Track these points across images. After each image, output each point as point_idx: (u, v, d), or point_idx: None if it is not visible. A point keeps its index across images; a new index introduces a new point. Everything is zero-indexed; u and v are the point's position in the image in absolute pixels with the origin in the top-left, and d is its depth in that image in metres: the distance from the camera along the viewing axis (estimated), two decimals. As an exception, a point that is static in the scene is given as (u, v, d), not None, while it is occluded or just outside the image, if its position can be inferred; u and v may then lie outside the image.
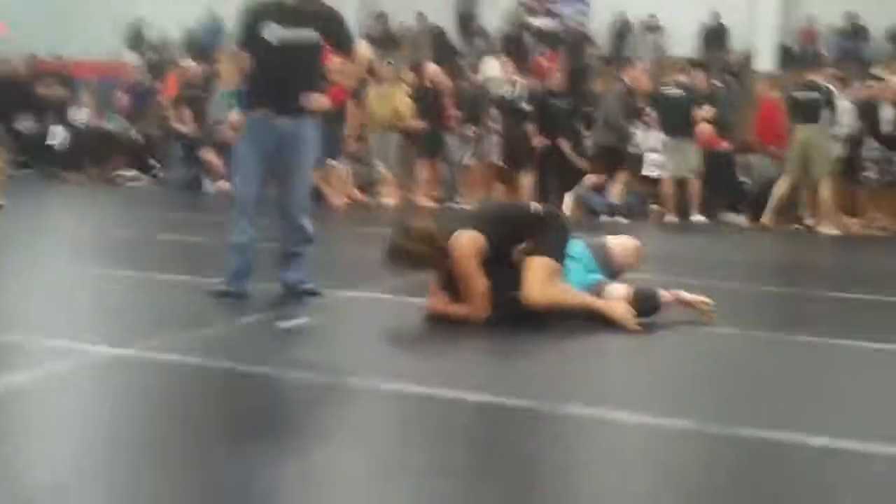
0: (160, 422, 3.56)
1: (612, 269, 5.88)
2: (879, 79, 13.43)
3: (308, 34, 5.84)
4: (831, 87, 12.78)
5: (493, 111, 14.43)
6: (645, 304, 5.57)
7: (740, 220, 13.38)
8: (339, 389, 4.04)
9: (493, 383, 4.21)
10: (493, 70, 16.61)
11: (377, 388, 4.05)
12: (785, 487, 3.04)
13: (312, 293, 5.98)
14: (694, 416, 3.79)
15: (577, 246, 5.76)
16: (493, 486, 2.97)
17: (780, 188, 12.62)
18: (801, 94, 12.61)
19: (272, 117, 5.81)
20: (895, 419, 3.93)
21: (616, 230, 10.71)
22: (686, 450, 3.48)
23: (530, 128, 13.81)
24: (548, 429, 3.57)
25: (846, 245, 11.60)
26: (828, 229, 12.28)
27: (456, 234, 5.32)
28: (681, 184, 13.36)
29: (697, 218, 13.15)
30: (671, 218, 13.23)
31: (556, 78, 14.64)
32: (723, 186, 13.76)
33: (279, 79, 5.81)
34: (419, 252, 5.27)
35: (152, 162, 16.25)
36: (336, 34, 5.98)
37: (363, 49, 6.30)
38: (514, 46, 19.43)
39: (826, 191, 12.42)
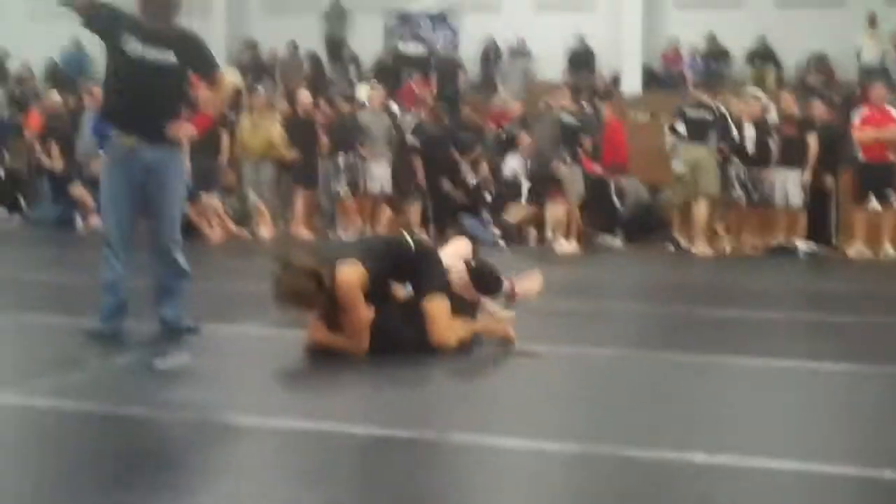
0: (33, 470, 3.44)
1: None
2: (756, 97, 13.76)
3: (168, 57, 5.63)
4: (721, 107, 12.99)
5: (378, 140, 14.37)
6: (486, 280, 5.89)
7: (616, 242, 13.63)
8: (220, 428, 3.96)
9: (377, 415, 4.20)
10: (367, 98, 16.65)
11: (260, 426, 4.00)
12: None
13: (190, 330, 5.86)
14: (578, 438, 3.83)
15: None
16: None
17: (700, 212, 12.77)
18: (693, 113, 12.79)
19: (137, 147, 5.62)
20: (768, 432, 4.03)
21: (503, 259, 10.78)
22: (572, 472, 3.51)
23: (416, 161, 13.92)
24: (433, 458, 3.56)
25: (718, 265, 11.90)
26: (702, 249, 12.57)
27: (338, 265, 5.29)
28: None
29: (573, 245, 13.33)
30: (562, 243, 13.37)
31: (433, 107, 14.83)
32: (600, 211, 14.00)
33: (140, 102, 5.62)
34: (306, 288, 5.19)
35: (20, 199, 15.82)
36: (197, 59, 5.83)
37: (228, 76, 6.15)
38: (387, 73, 19.48)
39: (702, 211, 12.68)
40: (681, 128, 12.75)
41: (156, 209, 5.77)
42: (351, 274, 5.24)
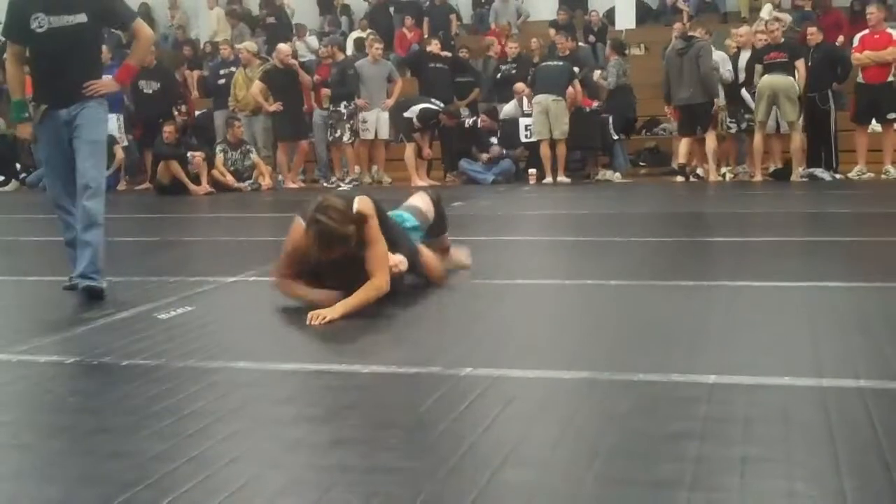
0: (44, 420, 3.41)
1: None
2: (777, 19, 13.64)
3: (78, 18, 5.59)
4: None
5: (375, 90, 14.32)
6: (439, 226, 5.99)
7: (616, 176, 13.59)
8: (226, 374, 3.93)
9: (380, 355, 4.16)
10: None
11: (265, 370, 3.97)
12: (682, 425, 3.06)
13: (94, 293, 5.52)
14: (587, 366, 3.80)
15: (406, 217, 5.74)
16: (389, 453, 2.92)
17: (795, 141, 12.73)
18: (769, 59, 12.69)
19: (55, 110, 5.65)
20: (774, 353, 4.00)
21: (497, 196, 10.78)
22: (582, 398, 3.48)
23: (422, 140, 13.83)
24: (441, 391, 3.52)
25: (717, 193, 11.87)
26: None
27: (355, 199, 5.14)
28: (552, 145, 13.49)
29: (562, 178, 13.38)
30: (549, 179, 13.39)
31: (433, 44, 14.79)
32: (596, 145, 13.95)
33: (53, 69, 5.63)
34: (350, 233, 4.92)
35: (16, 165, 16.05)
36: (109, 13, 5.79)
37: (144, 27, 6.00)
38: (379, 20, 19.31)
39: (797, 140, 12.59)
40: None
41: (76, 155, 5.64)
42: (369, 205, 5.10)
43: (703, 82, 12.62)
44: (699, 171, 13.10)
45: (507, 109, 14.30)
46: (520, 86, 14.04)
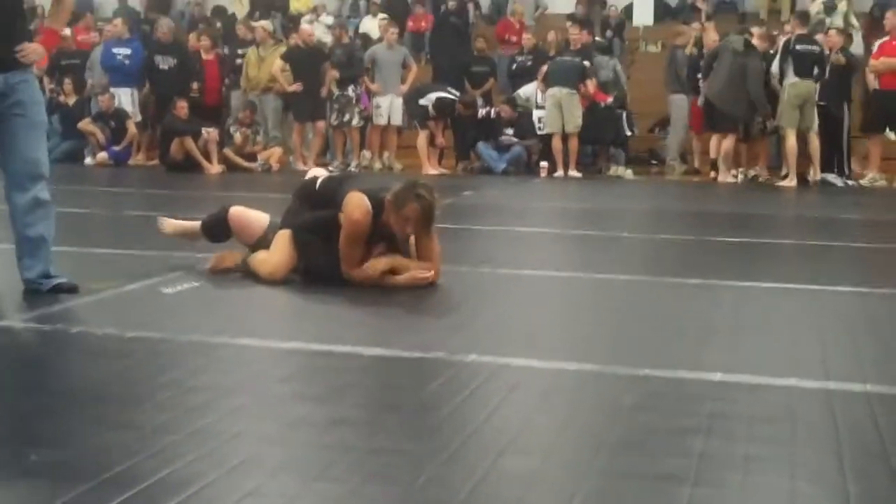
0: (43, 390, 3.41)
1: None
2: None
3: None
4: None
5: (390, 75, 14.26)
6: None
7: (627, 172, 13.53)
8: (229, 350, 3.92)
9: (383, 338, 4.14)
10: (370, 29, 16.47)
11: (267, 348, 3.96)
12: (687, 421, 3.05)
13: (68, 289, 4.90)
14: (592, 359, 3.79)
15: None
16: (390, 434, 2.91)
17: (790, 144, 12.44)
18: (801, 48, 12.32)
19: None
20: (781, 353, 3.98)
21: (507, 187, 10.77)
22: (588, 391, 3.47)
23: (436, 127, 13.79)
24: (446, 378, 3.51)
25: (727, 193, 11.84)
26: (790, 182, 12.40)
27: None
28: (565, 139, 13.40)
29: (574, 173, 13.28)
30: (560, 173, 13.32)
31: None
32: (608, 140, 13.89)
33: None
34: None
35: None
36: None
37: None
38: (396, 6, 19.21)
39: (815, 144, 12.45)
40: (788, 64, 12.39)
41: (12, 144, 4.89)
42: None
43: (754, 102, 12.45)
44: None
45: (527, 90, 14.19)
46: (542, 71, 13.98)
